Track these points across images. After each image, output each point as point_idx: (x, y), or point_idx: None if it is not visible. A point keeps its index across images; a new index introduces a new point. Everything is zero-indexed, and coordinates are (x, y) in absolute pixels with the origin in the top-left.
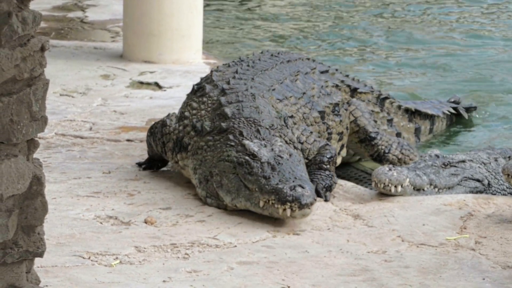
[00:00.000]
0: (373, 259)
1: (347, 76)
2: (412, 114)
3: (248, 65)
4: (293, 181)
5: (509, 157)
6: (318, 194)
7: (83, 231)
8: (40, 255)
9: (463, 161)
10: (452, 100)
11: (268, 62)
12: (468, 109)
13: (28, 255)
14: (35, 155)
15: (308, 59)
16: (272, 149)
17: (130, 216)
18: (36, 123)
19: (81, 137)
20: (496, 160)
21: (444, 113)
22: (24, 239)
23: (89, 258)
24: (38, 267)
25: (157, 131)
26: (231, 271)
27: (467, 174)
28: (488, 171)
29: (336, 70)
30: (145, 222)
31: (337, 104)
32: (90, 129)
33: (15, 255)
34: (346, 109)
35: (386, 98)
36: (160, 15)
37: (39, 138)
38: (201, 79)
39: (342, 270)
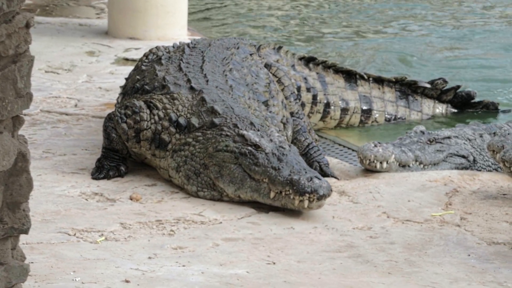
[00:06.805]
0: (359, 235)
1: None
2: (351, 76)
3: (182, 61)
4: (306, 173)
5: (494, 133)
6: (325, 174)
7: (68, 208)
8: (25, 231)
9: (449, 137)
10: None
11: (195, 56)
12: (487, 106)
13: (13, 231)
14: (20, 132)
15: (222, 41)
16: (271, 140)
17: (116, 192)
18: (21, 100)
19: (66, 114)
20: (481, 136)
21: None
22: (9, 216)
23: (75, 234)
24: (24, 243)
25: (123, 117)
26: (217, 248)
27: (453, 150)
28: (474, 147)
29: (246, 40)
30: (131, 199)
31: (268, 83)
32: (75, 105)
33: (0, 231)
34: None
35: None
36: None
37: (24, 114)
38: (146, 75)
39: (327, 247)
